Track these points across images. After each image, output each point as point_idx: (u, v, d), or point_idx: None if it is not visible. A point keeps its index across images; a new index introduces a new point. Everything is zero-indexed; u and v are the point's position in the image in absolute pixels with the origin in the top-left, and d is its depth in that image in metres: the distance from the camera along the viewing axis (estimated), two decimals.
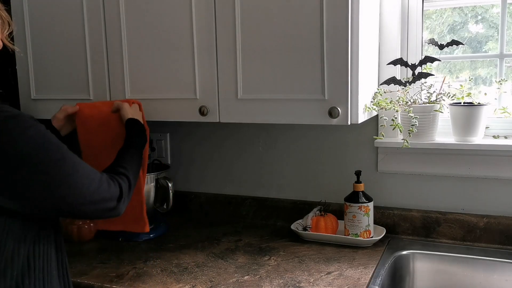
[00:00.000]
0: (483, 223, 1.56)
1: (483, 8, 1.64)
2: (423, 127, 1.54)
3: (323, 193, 1.76)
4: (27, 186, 0.85)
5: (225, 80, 1.43)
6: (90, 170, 0.97)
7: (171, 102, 1.52)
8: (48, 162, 0.87)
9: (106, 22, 1.56)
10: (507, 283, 1.42)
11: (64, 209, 0.91)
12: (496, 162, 1.54)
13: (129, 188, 1.10)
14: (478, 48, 1.66)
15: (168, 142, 2.00)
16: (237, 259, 1.49)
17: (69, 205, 0.91)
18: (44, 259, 0.95)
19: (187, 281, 1.34)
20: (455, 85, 1.60)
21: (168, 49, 1.49)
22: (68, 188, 0.90)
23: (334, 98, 1.31)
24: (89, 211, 0.96)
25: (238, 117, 1.44)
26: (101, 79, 1.60)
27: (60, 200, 0.89)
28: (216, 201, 1.94)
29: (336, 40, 1.29)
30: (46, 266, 0.95)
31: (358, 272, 1.36)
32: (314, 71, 1.33)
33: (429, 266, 1.51)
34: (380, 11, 1.60)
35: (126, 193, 1.07)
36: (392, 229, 1.66)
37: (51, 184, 0.87)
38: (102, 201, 0.98)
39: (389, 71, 1.60)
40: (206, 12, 1.42)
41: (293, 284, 1.29)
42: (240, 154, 1.89)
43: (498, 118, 1.57)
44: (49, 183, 0.87)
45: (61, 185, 0.89)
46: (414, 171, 1.64)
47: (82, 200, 0.93)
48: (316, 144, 1.77)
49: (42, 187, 0.86)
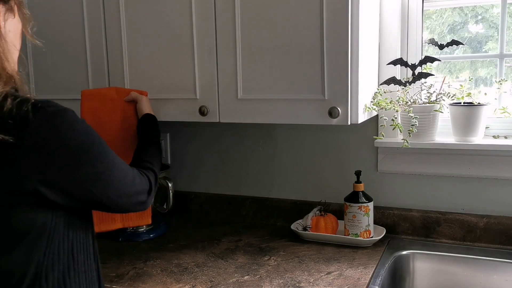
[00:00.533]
0: (483, 223, 1.56)
1: (483, 8, 1.64)
2: (423, 127, 1.54)
3: (323, 193, 1.76)
4: (73, 179, 0.86)
5: (225, 80, 1.43)
6: (124, 164, 1.00)
7: (171, 102, 1.52)
8: (93, 155, 0.89)
9: (106, 22, 1.56)
10: (507, 283, 1.42)
11: (102, 202, 0.93)
12: (496, 162, 1.54)
13: (155, 182, 1.13)
14: (478, 48, 1.66)
15: (168, 142, 2.00)
16: (237, 259, 1.49)
17: (107, 197, 0.93)
18: (85, 252, 0.96)
19: (187, 281, 1.34)
20: (455, 85, 1.60)
21: (168, 49, 1.49)
22: (109, 181, 0.93)
23: (334, 98, 1.31)
24: (123, 204, 0.99)
25: (238, 117, 1.44)
26: (101, 79, 1.60)
27: (101, 192, 0.91)
28: (216, 201, 1.94)
29: (336, 40, 1.29)
30: (87, 259, 0.97)
31: (358, 272, 1.36)
32: (314, 71, 1.33)
33: (429, 266, 1.51)
34: (380, 11, 1.60)
35: (154, 186, 1.11)
36: (392, 229, 1.66)
37: (94, 177, 0.89)
38: (135, 194, 1.01)
39: (389, 71, 1.60)
40: (206, 12, 1.42)
41: (293, 284, 1.29)
42: (240, 154, 1.89)
43: (498, 118, 1.57)
44: (93, 176, 0.89)
45: (103, 178, 0.91)
46: (414, 171, 1.64)
47: (119, 193, 0.96)
48: (316, 144, 1.77)
49: (86, 180, 0.88)
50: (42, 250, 0.87)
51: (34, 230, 0.85)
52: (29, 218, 0.84)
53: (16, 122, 0.80)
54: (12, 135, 0.78)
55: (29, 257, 0.86)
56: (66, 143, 0.84)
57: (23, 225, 0.84)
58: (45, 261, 0.87)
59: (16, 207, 0.82)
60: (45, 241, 0.87)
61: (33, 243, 0.86)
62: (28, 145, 0.80)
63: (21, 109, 0.80)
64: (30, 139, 0.80)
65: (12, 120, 0.79)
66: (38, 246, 0.86)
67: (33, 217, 0.84)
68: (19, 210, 0.83)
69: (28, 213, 0.84)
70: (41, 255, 0.87)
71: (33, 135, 0.80)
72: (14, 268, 0.85)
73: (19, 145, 0.79)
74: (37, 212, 0.85)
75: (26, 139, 0.80)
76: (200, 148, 1.96)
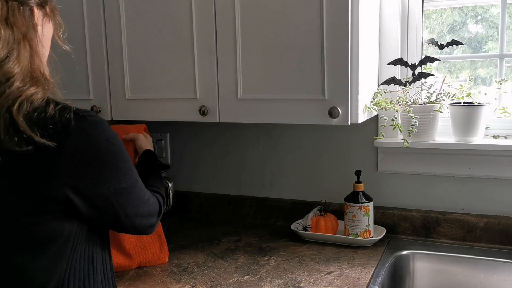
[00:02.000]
0: (483, 223, 1.56)
1: (483, 8, 1.64)
2: (423, 127, 1.54)
3: (323, 193, 1.76)
4: (101, 190, 0.87)
5: (225, 80, 1.43)
6: (142, 184, 0.99)
7: (171, 102, 1.52)
8: (122, 170, 0.89)
9: (106, 22, 1.56)
10: (507, 283, 1.42)
11: (121, 219, 0.92)
12: (496, 162, 1.54)
13: (163, 204, 1.12)
14: (478, 48, 1.66)
15: (168, 142, 2.00)
16: (237, 259, 1.49)
17: (126, 215, 0.93)
18: (103, 261, 0.97)
19: (187, 281, 1.34)
20: (455, 85, 1.60)
21: (168, 49, 1.49)
22: (130, 198, 0.93)
23: (334, 98, 1.31)
24: (138, 224, 0.97)
25: (238, 117, 1.44)
26: (101, 79, 1.60)
27: (121, 207, 0.91)
28: (216, 201, 1.94)
29: (336, 40, 1.29)
30: (104, 269, 0.97)
31: (358, 272, 1.36)
32: (314, 71, 1.33)
33: (429, 266, 1.51)
34: (380, 11, 1.60)
35: (162, 209, 1.09)
36: (392, 229, 1.66)
37: (118, 191, 0.89)
38: (148, 215, 1.00)
39: (389, 71, 1.60)
40: (206, 12, 1.42)
41: (293, 284, 1.29)
42: (240, 154, 1.89)
43: (498, 118, 1.57)
44: (118, 190, 0.89)
45: (125, 194, 0.91)
46: (414, 171, 1.64)
47: (136, 212, 0.95)
48: (316, 144, 1.77)
49: (112, 193, 0.88)
50: (66, 258, 0.87)
51: (60, 238, 0.85)
52: (56, 227, 0.84)
53: (58, 128, 0.80)
54: (54, 140, 0.79)
55: (53, 265, 0.86)
56: (102, 154, 0.85)
57: (50, 233, 0.84)
58: (68, 269, 0.88)
59: (45, 215, 0.83)
60: (69, 250, 0.87)
61: (58, 251, 0.86)
62: (67, 152, 0.80)
63: (63, 116, 0.81)
64: (70, 146, 0.81)
65: (54, 126, 0.80)
66: (62, 254, 0.87)
67: (60, 225, 0.85)
68: (48, 218, 0.83)
69: (56, 222, 0.84)
70: (64, 263, 0.87)
71: (73, 143, 0.81)
72: (38, 275, 0.85)
73: (59, 152, 0.80)
74: (64, 221, 0.85)
75: (67, 146, 0.80)
76: (200, 148, 1.96)
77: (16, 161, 0.79)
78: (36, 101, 0.81)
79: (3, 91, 0.79)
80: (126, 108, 1.58)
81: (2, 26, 0.80)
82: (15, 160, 0.79)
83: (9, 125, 0.78)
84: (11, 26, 0.82)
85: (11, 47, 0.81)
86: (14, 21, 0.82)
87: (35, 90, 0.82)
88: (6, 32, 0.81)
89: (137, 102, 1.56)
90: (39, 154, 0.79)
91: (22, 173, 0.80)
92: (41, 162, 0.80)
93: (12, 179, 0.80)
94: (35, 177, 0.80)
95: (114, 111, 1.60)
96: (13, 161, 0.79)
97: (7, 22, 0.81)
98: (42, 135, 0.78)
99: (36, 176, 0.80)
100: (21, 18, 0.84)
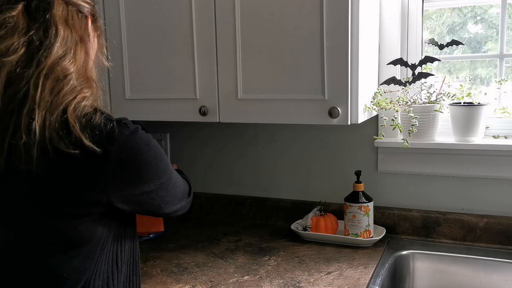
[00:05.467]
0: (483, 223, 1.56)
1: (482, 9, 1.65)
2: (423, 127, 1.54)
3: (323, 193, 1.76)
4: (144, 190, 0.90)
5: (225, 80, 1.43)
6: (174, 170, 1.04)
7: (171, 102, 1.52)
8: (160, 168, 0.93)
9: (107, 22, 1.56)
10: (507, 283, 1.42)
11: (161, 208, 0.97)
12: (496, 162, 1.54)
13: (190, 182, 1.18)
14: (478, 48, 1.66)
15: (168, 142, 2.00)
16: (237, 259, 1.49)
17: (165, 202, 0.97)
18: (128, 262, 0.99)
19: (187, 281, 1.34)
20: (455, 85, 1.60)
21: (168, 49, 1.49)
22: (168, 188, 0.97)
23: (334, 98, 1.31)
24: (176, 207, 1.02)
25: (238, 117, 1.44)
26: (101, 80, 1.60)
27: (160, 198, 0.95)
28: (216, 201, 1.94)
29: (336, 40, 1.29)
30: (128, 270, 1.00)
31: (358, 272, 1.36)
32: (314, 71, 1.33)
33: (429, 266, 1.51)
34: (380, 11, 1.60)
35: (191, 187, 1.16)
36: (392, 229, 1.66)
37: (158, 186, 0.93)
38: (182, 196, 1.06)
39: (389, 71, 1.60)
40: (206, 12, 1.42)
41: (293, 284, 1.29)
42: (240, 154, 1.89)
43: (498, 118, 1.57)
44: (159, 185, 0.93)
45: (164, 186, 0.95)
46: (414, 171, 1.64)
47: (174, 197, 1.00)
48: (316, 144, 1.77)
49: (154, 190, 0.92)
50: (95, 259, 0.89)
51: (93, 240, 0.88)
52: (92, 228, 0.87)
53: (103, 135, 0.83)
54: (100, 147, 0.81)
55: (84, 265, 0.88)
56: (144, 158, 0.88)
57: (86, 235, 0.86)
58: (95, 269, 0.90)
59: (84, 217, 0.85)
60: (98, 251, 0.89)
61: (89, 253, 0.88)
62: (113, 158, 0.83)
63: (107, 124, 0.84)
64: (115, 153, 0.83)
65: (99, 133, 0.82)
66: (93, 255, 0.89)
67: (96, 227, 0.87)
68: (86, 220, 0.85)
69: (93, 223, 0.87)
70: (92, 263, 0.89)
71: (118, 150, 0.83)
72: (71, 276, 0.87)
73: (104, 158, 0.82)
74: (99, 223, 0.88)
75: (112, 153, 0.83)
76: (200, 148, 1.96)
77: (64, 161, 0.81)
78: (86, 107, 0.84)
79: (61, 88, 0.82)
80: (126, 108, 1.58)
81: (62, 27, 0.84)
82: (63, 160, 0.81)
83: (62, 124, 0.80)
84: (70, 28, 0.86)
85: (69, 46, 0.85)
86: (73, 23, 0.86)
87: (87, 93, 0.86)
88: (65, 33, 0.84)
89: (137, 102, 1.56)
90: (85, 159, 0.81)
91: (67, 176, 0.82)
92: (86, 166, 0.82)
93: (56, 180, 0.82)
94: (79, 181, 0.82)
95: (114, 111, 1.60)
96: (61, 161, 0.81)
97: (67, 23, 0.85)
98: (89, 140, 0.81)
99: (80, 180, 0.82)
100: (79, 23, 0.88)
